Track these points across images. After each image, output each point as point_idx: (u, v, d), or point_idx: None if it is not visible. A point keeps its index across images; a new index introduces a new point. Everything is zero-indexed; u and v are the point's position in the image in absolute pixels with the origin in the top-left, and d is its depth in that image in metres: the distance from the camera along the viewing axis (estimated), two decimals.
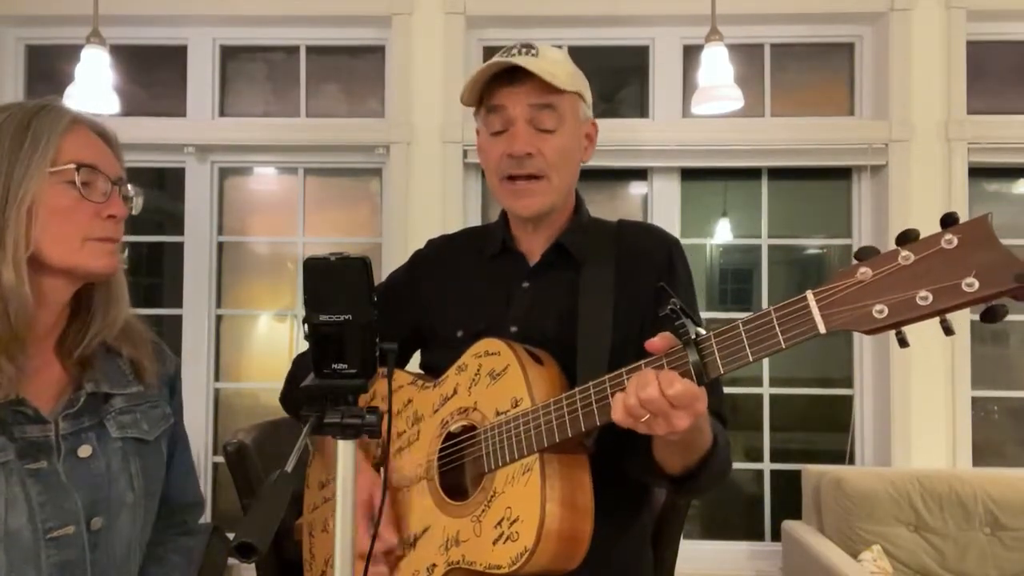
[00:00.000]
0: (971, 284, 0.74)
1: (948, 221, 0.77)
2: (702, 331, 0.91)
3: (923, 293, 0.76)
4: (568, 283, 1.23)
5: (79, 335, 1.05)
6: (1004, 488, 2.45)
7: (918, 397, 2.67)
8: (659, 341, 0.93)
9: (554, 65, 1.19)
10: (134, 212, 1.07)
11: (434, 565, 1.12)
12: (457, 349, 1.21)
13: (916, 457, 2.66)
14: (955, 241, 0.76)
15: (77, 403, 1.02)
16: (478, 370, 1.16)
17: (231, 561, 0.91)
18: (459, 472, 1.18)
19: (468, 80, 1.21)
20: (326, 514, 1.30)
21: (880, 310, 0.78)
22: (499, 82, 1.19)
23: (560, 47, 2.84)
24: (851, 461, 2.81)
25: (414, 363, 1.41)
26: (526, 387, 1.09)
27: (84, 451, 1.01)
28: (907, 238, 0.79)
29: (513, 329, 1.22)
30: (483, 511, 1.09)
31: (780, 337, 0.85)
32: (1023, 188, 2.93)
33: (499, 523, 1.06)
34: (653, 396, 0.89)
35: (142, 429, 1.08)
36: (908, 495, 2.46)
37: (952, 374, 2.67)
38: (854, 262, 0.82)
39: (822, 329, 0.82)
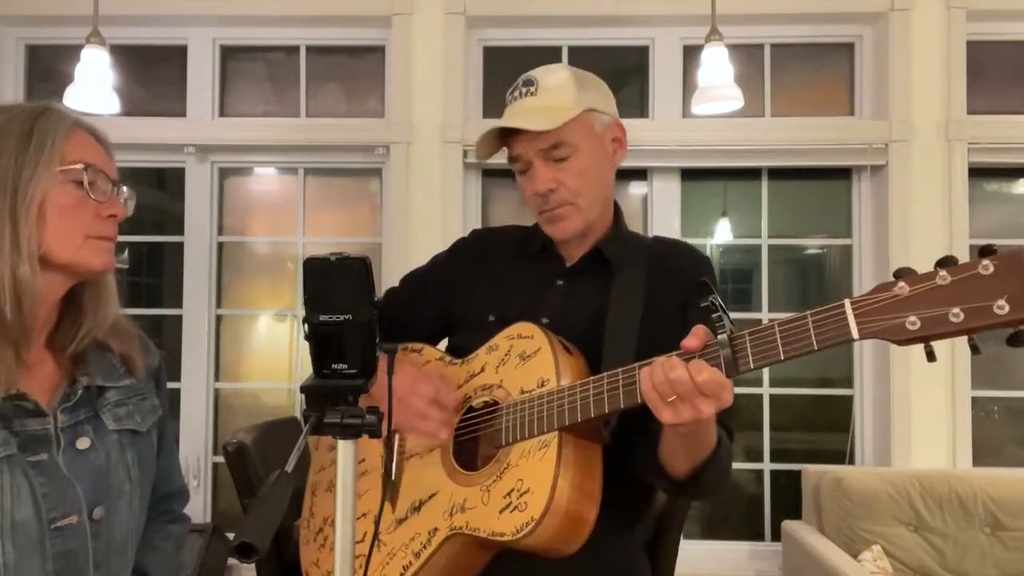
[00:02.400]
0: (1002, 307, 0.79)
1: (987, 251, 0.82)
2: (736, 328, 0.95)
3: (956, 311, 0.81)
4: (601, 287, 1.26)
5: (71, 332, 1.08)
6: (1004, 488, 2.45)
7: (918, 397, 2.67)
8: (693, 341, 0.95)
9: (553, 97, 1.23)
10: (128, 214, 1.11)
11: (436, 529, 1.14)
12: (487, 332, 1.24)
13: (916, 457, 2.66)
14: (991, 268, 0.81)
15: (74, 397, 1.05)
16: (508, 351, 1.19)
17: (231, 561, 0.92)
18: (474, 446, 1.20)
19: (478, 144, 1.29)
20: (331, 475, 1.31)
21: (913, 322, 0.83)
22: (508, 130, 1.25)
23: (560, 47, 2.88)
24: (851, 461, 2.81)
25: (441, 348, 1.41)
26: (555, 369, 1.11)
27: (83, 443, 1.04)
28: (946, 263, 0.84)
29: (544, 320, 1.24)
30: (494, 481, 1.10)
31: (814, 339, 0.89)
32: (1023, 188, 2.94)
33: (508, 493, 1.07)
34: (682, 377, 0.91)
35: (136, 421, 1.12)
36: (908, 495, 2.46)
37: (952, 374, 2.67)
38: (892, 279, 0.86)
39: (855, 335, 0.86)
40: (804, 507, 2.68)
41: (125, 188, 1.10)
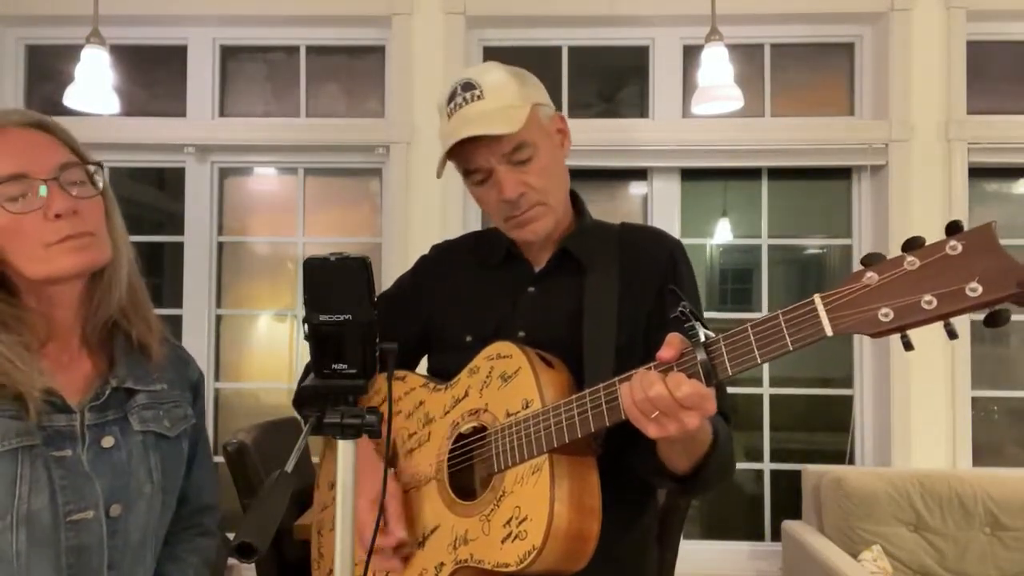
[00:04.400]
0: (975, 289, 0.76)
1: (953, 228, 0.79)
2: (711, 333, 0.92)
3: (928, 297, 0.78)
4: (573, 287, 1.24)
5: (89, 318, 1.08)
6: (1004, 488, 2.45)
7: (918, 397, 2.67)
8: (668, 352, 0.93)
9: (502, 97, 1.17)
10: (99, 186, 1.05)
11: (442, 564, 1.13)
12: (466, 353, 1.22)
13: (916, 457, 2.66)
14: (959, 248, 0.77)
15: (103, 396, 1.05)
16: (490, 372, 1.17)
17: (231, 561, 0.91)
18: (469, 473, 1.19)
19: (439, 160, 1.22)
20: (335, 513, 1.30)
21: (886, 313, 0.80)
22: (461, 141, 1.18)
23: (560, 47, 2.88)
24: (851, 461, 2.81)
25: (421, 368, 1.40)
26: (537, 389, 1.10)
27: (107, 441, 1.04)
28: (913, 245, 0.81)
29: (521, 333, 1.23)
30: (492, 510, 1.09)
31: (788, 339, 0.86)
32: (1023, 188, 2.93)
33: (508, 522, 1.06)
34: (662, 394, 0.90)
35: (163, 425, 1.12)
36: (908, 495, 2.46)
37: (952, 374, 2.67)
38: (860, 267, 0.84)
39: (829, 332, 0.83)
40: (804, 507, 2.68)
41: (89, 167, 1.04)
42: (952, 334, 0.79)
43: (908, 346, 0.82)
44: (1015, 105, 2.84)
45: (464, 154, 1.19)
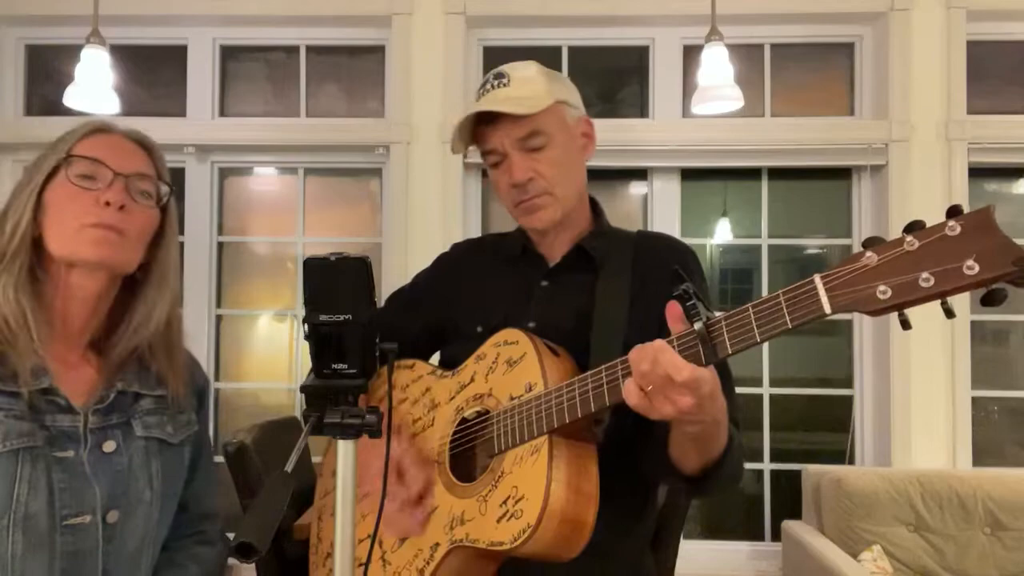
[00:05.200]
0: (971, 267, 0.76)
1: (952, 212, 0.80)
2: (713, 314, 0.93)
3: (925, 275, 0.79)
4: (586, 285, 1.26)
5: (113, 334, 1.10)
6: (1004, 488, 2.45)
7: (918, 397, 2.67)
8: (669, 324, 0.95)
9: (526, 88, 1.23)
10: (163, 199, 1.15)
11: (437, 544, 1.13)
12: (476, 343, 1.24)
13: (916, 457, 2.66)
14: (958, 229, 0.78)
15: (107, 399, 1.06)
16: (496, 358, 1.19)
17: (231, 561, 0.91)
18: (471, 457, 1.20)
19: (455, 133, 1.28)
20: (335, 503, 1.31)
21: (884, 291, 0.81)
22: (482, 123, 1.25)
23: (560, 47, 2.88)
24: (851, 461, 2.81)
25: (433, 362, 1.41)
26: (541, 373, 1.10)
27: (108, 446, 1.04)
28: (913, 227, 0.82)
29: (531, 325, 1.24)
30: (490, 491, 1.10)
31: (787, 318, 0.87)
32: (1023, 188, 2.94)
33: (504, 501, 1.07)
34: (646, 370, 0.90)
35: (166, 431, 1.12)
36: (908, 495, 2.46)
37: (952, 374, 2.67)
38: (860, 249, 0.85)
39: (827, 309, 0.84)
40: (804, 507, 2.68)
41: (162, 186, 1.14)
42: (949, 313, 0.80)
43: (905, 324, 0.83)
44: (1015, 105, 2.84)
45: (483, 135, 1.26)
